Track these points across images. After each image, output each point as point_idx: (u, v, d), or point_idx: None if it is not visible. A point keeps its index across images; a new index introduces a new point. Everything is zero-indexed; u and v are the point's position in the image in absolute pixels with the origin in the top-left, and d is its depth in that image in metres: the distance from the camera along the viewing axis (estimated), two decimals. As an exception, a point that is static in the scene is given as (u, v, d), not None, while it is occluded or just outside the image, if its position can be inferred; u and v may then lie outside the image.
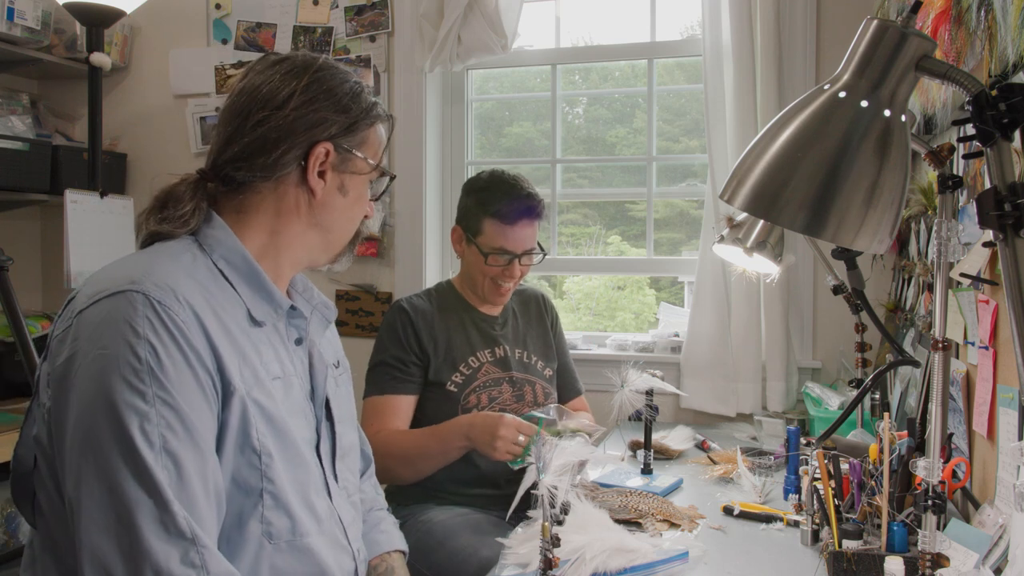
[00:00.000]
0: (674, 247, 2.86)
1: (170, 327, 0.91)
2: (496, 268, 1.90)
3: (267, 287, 1.07)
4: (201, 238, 1.06)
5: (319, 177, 1.09)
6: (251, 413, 0.98)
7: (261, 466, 0.98)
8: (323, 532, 1.08)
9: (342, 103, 1.10)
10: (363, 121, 1.12)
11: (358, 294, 2.89)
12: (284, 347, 1.10)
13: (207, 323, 0.96)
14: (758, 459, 1.90)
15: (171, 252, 1.02)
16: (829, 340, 2.48)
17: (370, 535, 1.31)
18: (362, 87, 1.14)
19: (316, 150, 1.08)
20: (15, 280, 2.04)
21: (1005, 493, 1.19)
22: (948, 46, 1.46)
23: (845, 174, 0.82)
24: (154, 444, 0.87)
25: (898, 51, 0.85)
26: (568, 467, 1.13)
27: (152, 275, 0.95)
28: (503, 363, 1.96)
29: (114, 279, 0.95)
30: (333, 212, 1.12)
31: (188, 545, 0.87)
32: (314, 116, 1.07)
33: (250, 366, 1.00)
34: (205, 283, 1.00)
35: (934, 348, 1.03)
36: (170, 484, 0.87)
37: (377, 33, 2.85)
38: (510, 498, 1.27)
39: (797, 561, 1.33)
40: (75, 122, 3.19)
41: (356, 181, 1.13)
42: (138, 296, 0.92)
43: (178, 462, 0.88)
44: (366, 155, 1.13)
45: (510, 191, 1.88)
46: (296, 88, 1.07)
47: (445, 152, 2.97)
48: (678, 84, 2.92)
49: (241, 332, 1.02)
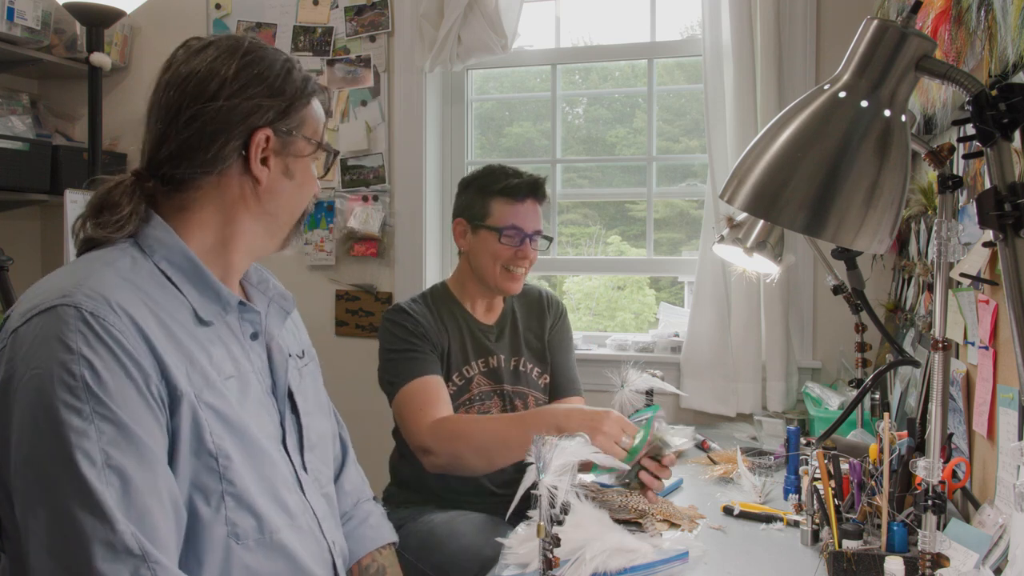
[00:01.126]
0: (674, 247, 2.86)
1: (105, 339, 0.89)
2: (508, 249, 1.86)
3: (213, 285, 1.04)
4: (141, 240, 1.03)
5: (262, 164, 1.07)
6: (202, 417, 0.96)
7: (219, 468, 0.97)
8: (296, 527, 1.06)
9: (275, 86, 1.07)
10: (299, 101, 1.09)
11: (358, 294, 2.89)
12: (239, 343, 1.08)
13: (147, 329, 0.93)
14: (758, 459, 1.90)
15: (106, 259, 0.99)
16: (829, 340, 2.48)
17: (358, 531, 1.29)
18: (292, 64, 1.10)
19: (256, 137, 1.05)
20: (15, 280, 2.05)
21: (1005, 493, 1.19)
22: (948, 46, 1.46)
23: (845, 174, 0.82)
24: (96, 461, 0.85)
25: (898, 51, 0.85)
26: (568, 467, 1.13)
27: (84, 286, 0.92)
28: (495, 375, 1.92)
29: (46, 293, 0.93)
30: (280, 197, 1.10)
31: (138, 562, 0.85)
32: (248, 104, 1.04)
33: (198, 368, 0.98)
34: (145, 287, 0.98)
35: (934, 348, 1.03)
36: (115, 501, 0.85)
37: (377, 33, 2.85)
38: (510, 500, 1.26)
39: (797, 561, 1.33)
40: (75, 122, 3.19)
41: (300, 163, 1.11)
42: (69, 310, 0.89)
43: (124, 476, 0.86)
44: (306, 135, 1.11)
45: (511, 173, 1.90)
46: (226, 76, 1.04)
47: (445, 152, 2.97)
48: (678, 84, 2.93)
49: (187, 334, 0.99)
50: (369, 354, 1.92)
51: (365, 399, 2.41)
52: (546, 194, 1.93)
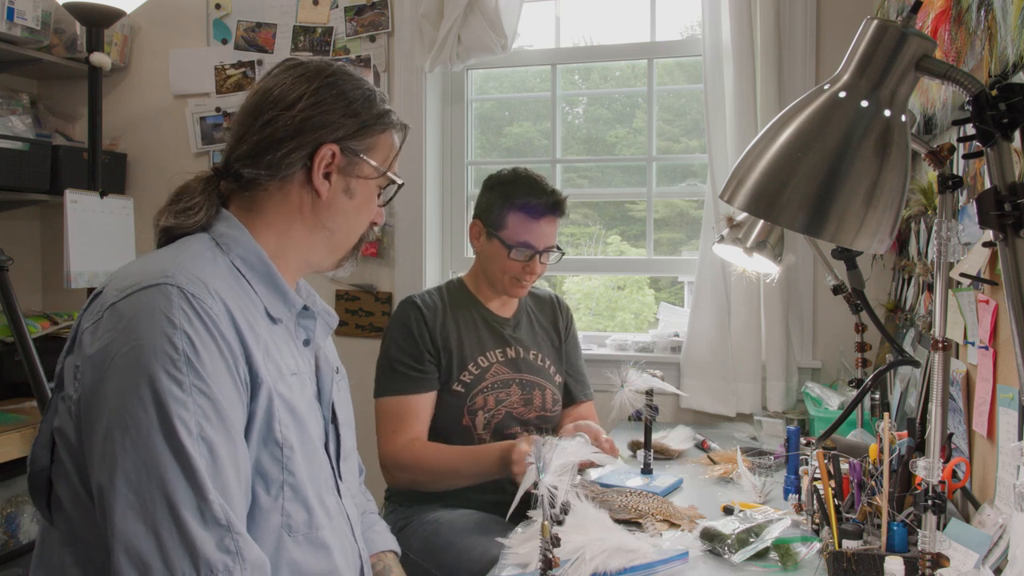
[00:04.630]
0: (674, 247, 2.86)
1: (204, 319, 0.94)
2: (517, 264, 1.89)
3: (282, 286, 1.09)
4: (217, 237, 1.07)
5: (324, 179, 1.10)
6: (276, 405, 1.00)
7: (283, 458, 1.00)
8: (334, 528, 1.10)
9: (351, 107, 1.11)
10: (373, 127, 1.13)
11: (358, 294, 2.89)
12: (295, 346, 1.13)
13: (236, 316, 0.98)
14: (758, 459, 1.90)
15: (194, 250, 1.04)
16: (829, 340, 2.48)
17: (365, 535, 1.33)
18: (375, 94, 1.15)
19: (322, 151, 1.09)
20: (15, 280, 2.04)
21: (1005, 493, 1.19)
22: (948, 46, 1.46)
23: (845, 174, 0.82)
24: (192, 431, 0.89)
25: (898, 51, 0.85)
26: (568, 467, 1.13)
27: (183, 270, 0.97)
28: (514, 364, 1.95)
29: (145, 273, 0.97)
30: (338, 215, 1.14)
31: (224, 532, 0.88)
32: (321, 118, 1.09)
33: (272, 360, 1.03)
34: (227, 280, 1.03)
35: (934, 348, 1.03)
36: (207, 471, 0.88)
37: (377, 33, 2.85)
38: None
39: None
40: (75, 122, 3.19)
41: (362, 185, 1.14)
42: (173, 289, 0.94)
43: (213, 449, 0.90)
44: (374, 160, 1.14)
45: (535, 186, 1.90)
46: (307, 91, 1.09)
47: (445, 152, 2.97)
48: (678, 84, 2.92)
49: (263, 328, 1.04)
50: (369, 354, 1.92)
51: (365, 399, 2.40)
52: (566, 211, 1.93)
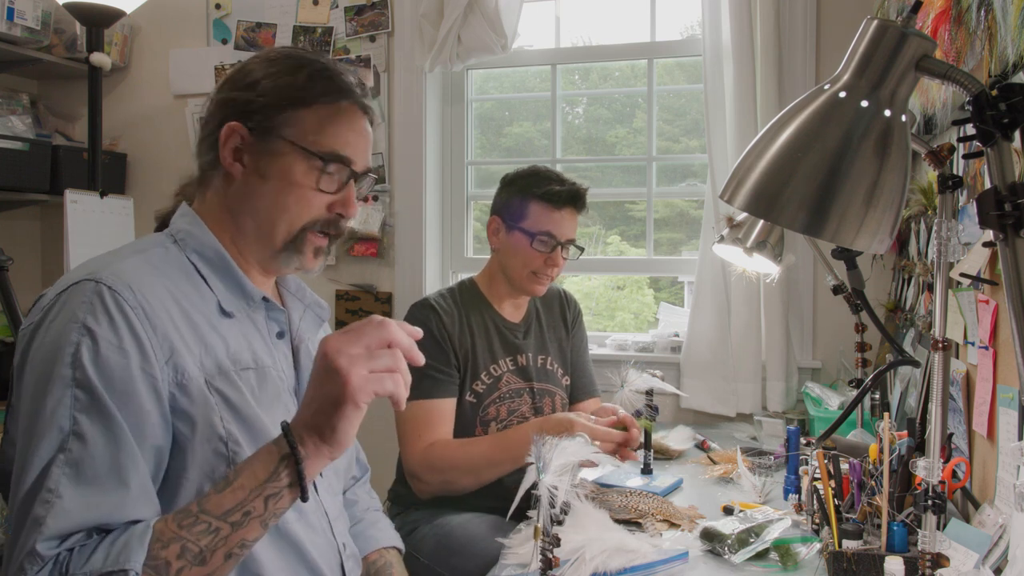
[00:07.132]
0: (674, 247, 2.86)
1: (112, 311, 0.93)
2: (539, 256, 1.87)
3: (238, 279, 1.08)
4: (175, 233, 1.08)
5: (237, 161, 1.07)
6: (212, 401, 0.99)
7: (228, 453, 0.99)
8: (307, 523, 1.08)
9: (265, 83, 1.06)
10: (293, 100, 1.06)
11: (358, 294, 2.89)
12: (262, 339, 1.10)
13: (161, 314, 0.97)
14: (758, 459, 1.90)
15: (139, 247, 1.04)
16: (829, 340, 2.48)
17: (367, 532, 1.31)
18: (315, 67, 1.08)
19: (224, 129, 1.06)
20: (15, 280, 2.04)
21: (1005, 493, 1.19)
22: (948, 46, 1.46)
23: (845, 174, 0.82)
24: (64, 428, 0.89)
25: (898, 51, 0.85)
26: (568, 467, 1.13)
27: (111, 266, 0.98)
28: (524, 372, 1.93)
29: (77, 272, 0.99)
30: (252, 198, 1.07)
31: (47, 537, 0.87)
32: (230, 95, 1.08)
33: (212, 356, 1.01)
34: (172, 276, 1.02)
35: (934, 348, 1.03)
36: (68, 475, 0.87)
37: (377, 33, 2.85)
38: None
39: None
40: (75, 122, 3.19)
41: (276, 163, 1.06)
42: (89, 284, 0.95)
43: (86, 446, 0.89)
44: (291, 137, 1.06)
45: (556, 177, 1.90)
46: (229, 75, 1.10)
47: (445, 152, 2.97)
48: (678, 84, 2.92)
49: (207, 323, 1.03)
50: (369, 354, 1.92)
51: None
52: (586, 204, 1.93)
